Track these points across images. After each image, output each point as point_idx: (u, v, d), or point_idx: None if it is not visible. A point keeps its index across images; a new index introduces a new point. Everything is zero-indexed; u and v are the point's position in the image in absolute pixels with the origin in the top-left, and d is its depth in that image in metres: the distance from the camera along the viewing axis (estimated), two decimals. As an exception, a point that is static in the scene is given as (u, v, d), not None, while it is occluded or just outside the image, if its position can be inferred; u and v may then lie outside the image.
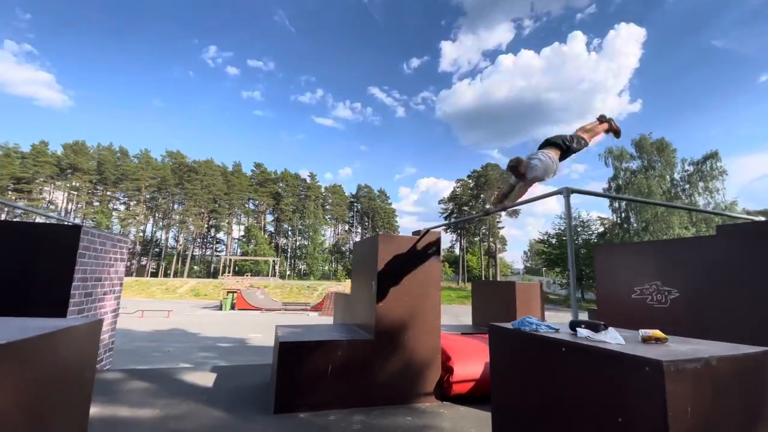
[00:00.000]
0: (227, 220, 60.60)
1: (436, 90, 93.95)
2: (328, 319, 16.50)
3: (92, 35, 77.05)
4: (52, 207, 53.27)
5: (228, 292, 22.01)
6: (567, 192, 2.68)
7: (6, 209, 45.05)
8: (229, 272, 42.79)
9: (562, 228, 37.22)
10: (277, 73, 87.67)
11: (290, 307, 22.43)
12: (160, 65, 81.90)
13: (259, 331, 13.05)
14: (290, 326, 4.68)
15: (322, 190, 67.64)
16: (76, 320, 2.28)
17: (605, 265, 4.31)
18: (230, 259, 47.68)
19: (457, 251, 58.77)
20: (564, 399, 1.82)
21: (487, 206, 5.01)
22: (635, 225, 34.93)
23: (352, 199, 69.77)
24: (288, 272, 58.24)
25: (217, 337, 11.58)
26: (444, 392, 4.18)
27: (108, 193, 56.42)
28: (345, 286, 35.36)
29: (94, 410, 2.84)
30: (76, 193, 54.20)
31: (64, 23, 75.41)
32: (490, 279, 51.09)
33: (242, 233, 61.02)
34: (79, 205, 54.68)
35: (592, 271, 30.22)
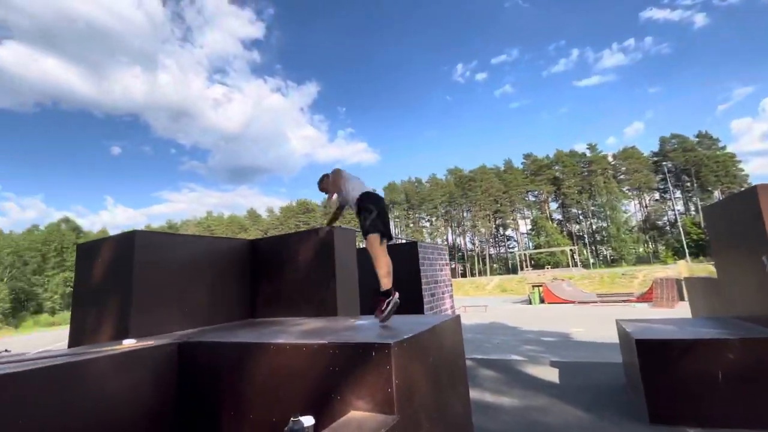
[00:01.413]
0: (511, 217, 62.23)
1: (765, -45, 61.00)
2: (668, 312, 13.12)
3: (382, 102, 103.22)
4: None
5: (533, 287, 22.06)
6: None
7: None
8: (527, 266, 43.27)
9: None
10: (522, 58, 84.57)
11: (607, 298, 19.70)
12: (424, 101, 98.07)
13: (579, 324, 12.09)
14: (635, 321, 3.90)
15: (609, 159, 57.33)
16: (445, 317, 2.73)
17: None
18: (524, 254, 48.20)
19: None
20: None
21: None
22: None
23: (655, 159, 55.11)
24: (591, 260, 52.18)
25: (536, 330, 11.64)
26: None
27: (416, 215, 71.42)
28: (677, 269, 27.64)
29: (467, 392, 3.31)
30: (398, 220, 72.01)
31: (364, 103, 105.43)
32: None
33: (529, 227, 60.69)
34: (402, 229, 72.15)
35: None
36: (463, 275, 63.14)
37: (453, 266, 67.37)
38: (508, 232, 64.86)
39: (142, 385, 2.19)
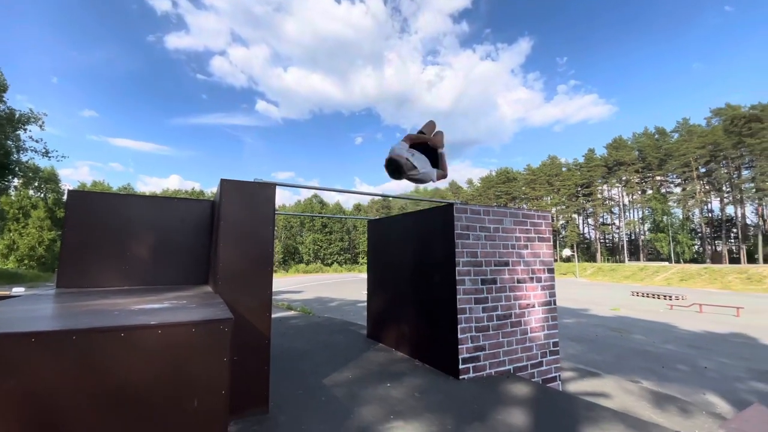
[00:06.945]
0: None
1: None
2: None
3: (619, 40, 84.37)
4: (612, 204, 59.59)
5: None
6: None
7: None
8: None
9: None
10: None
11: None
12: (684, 25, 73.04)
13: None
14: None
15: None
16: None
17: None
18: None
19: None
20: None
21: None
22: None
23: None
24: None
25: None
26: None
27: (657, 178, 54.70)
28: None
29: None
30: (623, 186, 57.36)
31: (593, 46, 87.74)
32: None
33: None
34: (631, 198, 57.11)
35: None
36: (736, 261, 44.84)
37: (719, 248, 48.29)
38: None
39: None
